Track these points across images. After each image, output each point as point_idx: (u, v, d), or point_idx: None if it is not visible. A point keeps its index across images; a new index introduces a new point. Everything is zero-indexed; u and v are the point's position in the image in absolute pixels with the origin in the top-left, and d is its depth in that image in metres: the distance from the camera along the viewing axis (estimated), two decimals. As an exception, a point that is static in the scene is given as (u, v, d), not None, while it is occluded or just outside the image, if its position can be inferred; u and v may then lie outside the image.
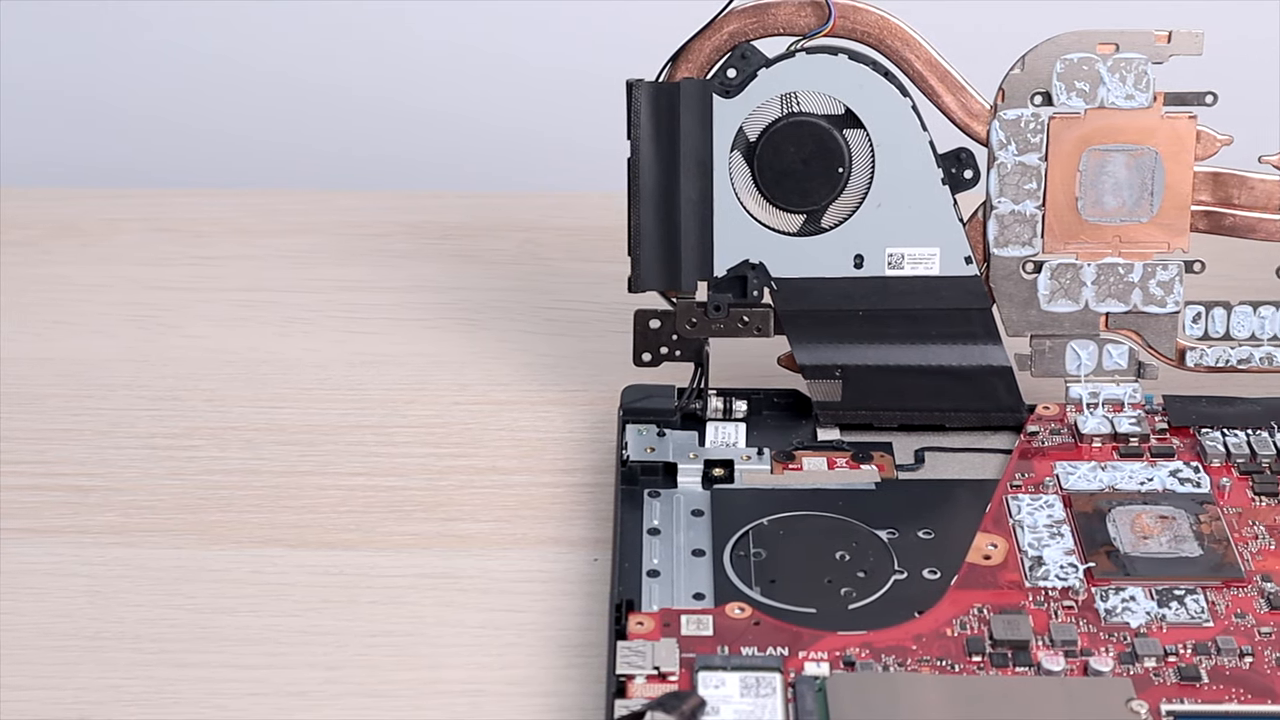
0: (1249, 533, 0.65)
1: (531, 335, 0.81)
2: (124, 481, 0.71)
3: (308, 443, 0.73)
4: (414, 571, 0.66)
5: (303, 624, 0.63)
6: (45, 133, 1.08)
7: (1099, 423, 0.70)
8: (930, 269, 0.70)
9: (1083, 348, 0.72)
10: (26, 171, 1.06)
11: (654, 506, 0.67)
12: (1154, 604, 0.61)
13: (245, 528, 0.68)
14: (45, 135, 1.08)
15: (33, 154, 1.07)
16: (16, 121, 1.07)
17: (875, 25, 0.69)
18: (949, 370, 0.71)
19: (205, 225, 0.91)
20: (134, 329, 0.82)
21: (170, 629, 0.63)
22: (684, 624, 0.60)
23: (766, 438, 0.71)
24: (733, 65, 0.70)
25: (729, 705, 0.57)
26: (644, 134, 0.69)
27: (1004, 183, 0.70)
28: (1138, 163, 0.70)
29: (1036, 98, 0.69)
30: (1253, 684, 0.58)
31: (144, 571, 0.66)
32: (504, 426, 0.74)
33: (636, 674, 0.58)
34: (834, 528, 0.66)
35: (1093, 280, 0.71)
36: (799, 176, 0.70)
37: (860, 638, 0.60)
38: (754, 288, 0.71)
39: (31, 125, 1.08)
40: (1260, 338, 0.71)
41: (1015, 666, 0.59)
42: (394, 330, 0.82)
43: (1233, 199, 0.71)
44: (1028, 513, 0.66)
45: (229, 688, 0.61)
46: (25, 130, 1.08)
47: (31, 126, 1.08)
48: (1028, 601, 0.61)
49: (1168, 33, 0.68)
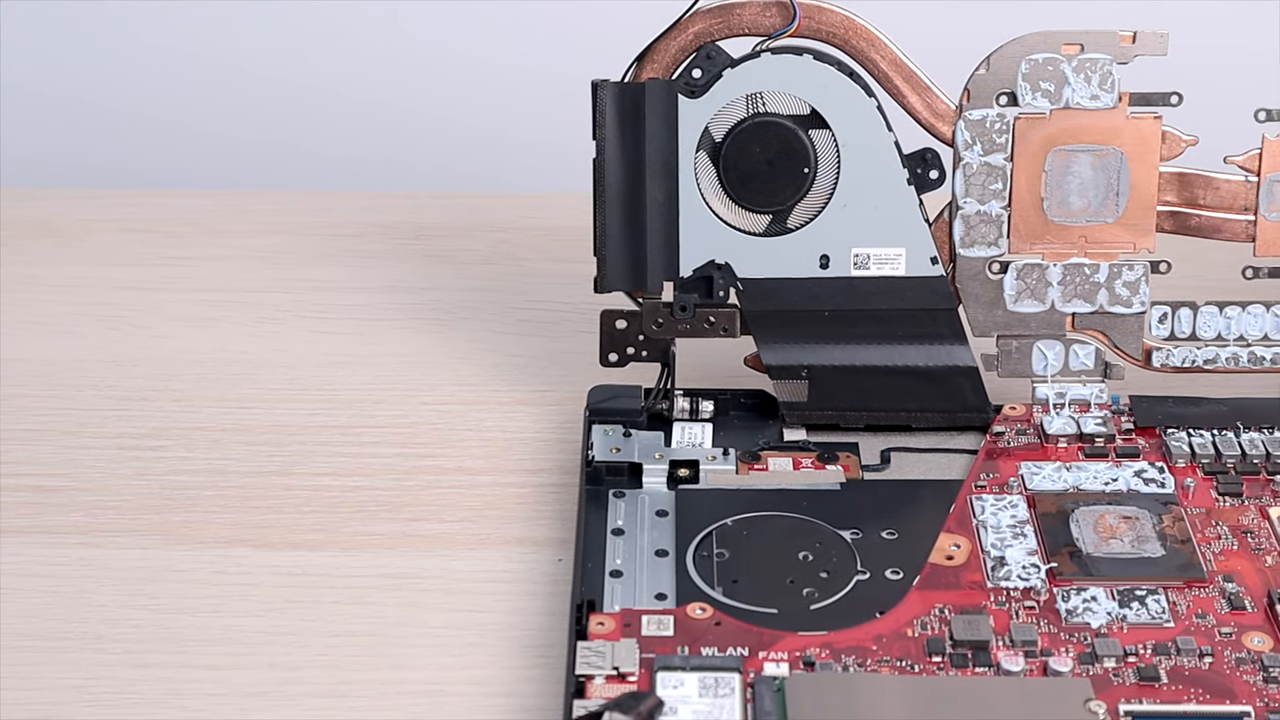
0: (1212, 533, 0.65)
1: (502, 335, 0.81)
2: (89, 482, 0.71)
3: (275, 443, 0.73)
4: (378, 572, 0.66)
5: (265, 624, 0.63)
6: (18, 133, 1.08)
7: (1064, 423, 0.70)
8: (896, 269, 0.70)
9: (1049, 348, 0.72)
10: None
11: (618, 507, 0.67)
12: (1115, 604, 0.61)
13: (210, 528, 0.68)
14: (18, 135, 1.08)
15: (5, 155, 1.07)
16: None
17: (840, 25, 0.69)
18: (915, 371, 0.71)
19: (178, 225, 0.91)
20: (104, 329, 0.82)
21: (133, 629, 0.63)
22: (645, 624, 0.60)
23: (733, 438, 0.71)
24: (698, 65, 0.70)
25: (687, 705, 0.57)
26: (609, 134, 0.69)
27: (969, 183, 0.70)
28: (1103, 163, 0.70)
29: (1002, 98, 0.69)
30: (1211, 684, 0.58)
31: (107, 572, 0.66)
32: (471, 427, 0.74)
33: (596, 674, 0.58)
34: (798, 528, 0.66)
35: (1059, 280, 0.71)
36: (764, 177, 0.70)
37: (821, 638, 0.60)
38: (720, 288, 0.71)
39: (4, 125, 1.08)
40: (1226, 338, 0.71)
41: (975, 667, 0.59)
42: (365, 331, 0.82)
43: (1198, 199, 0.71)
44: (991, 513, 0.66)
45: (190, 688, 0.61)
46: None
47: (4, 126, 1.08)
48: (989, 602, 0.61)
49: (1132, 33, 0.68)
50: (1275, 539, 0.64)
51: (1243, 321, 0.71)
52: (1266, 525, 0.65)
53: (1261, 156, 0.70)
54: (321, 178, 1.07)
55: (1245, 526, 0.65)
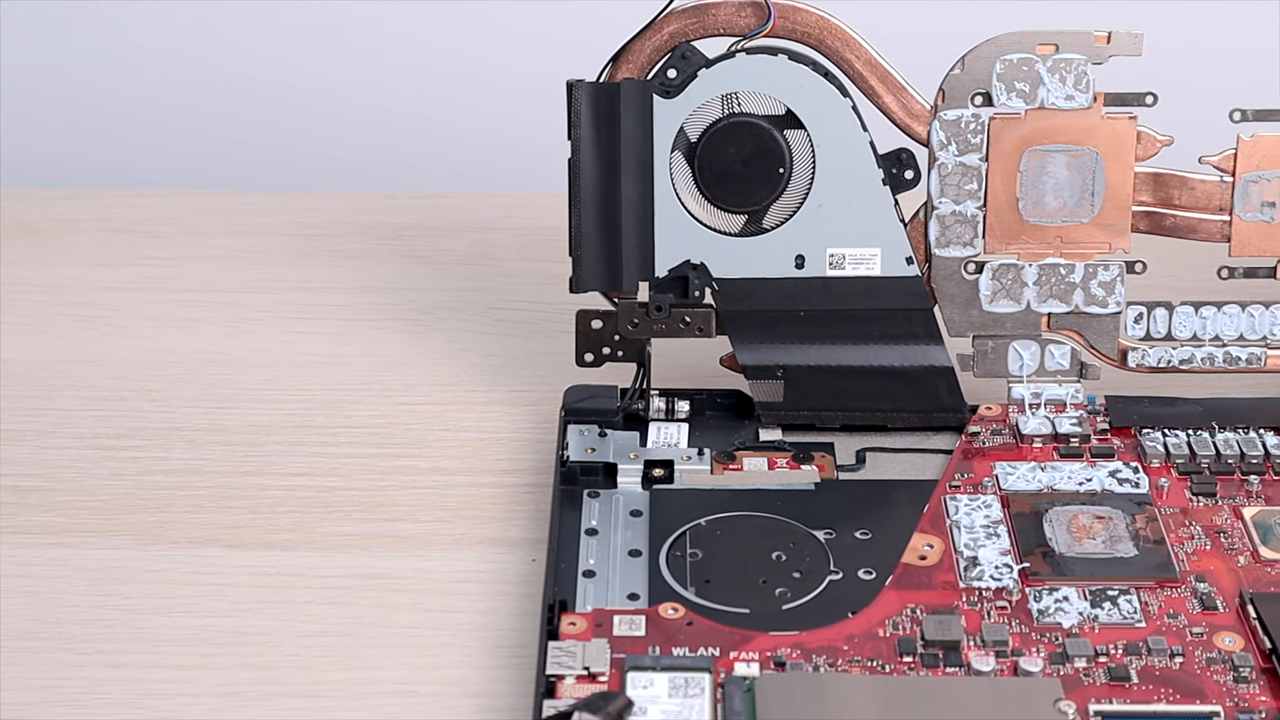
0: (1185, 533, 0.65)
1: (480, 335, 0.81)
2: (64, 482, 0.71)
3: (251, 443, 0.73)
4: (351, 572, 0.66)
5: (238, 624, 0.63)
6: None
7: (1040, 423, 0.70)
8: (872, 269, 0.70)
9: (1025, 348, 0.72)
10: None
11: (593, 507, 0.67)
12: (1087, 604, 0.61)
13: (184, 528, 0.68)
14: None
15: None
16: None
17: (815, 25, 0.69)
18: (891, 371, 0.71)
19: (160, 226, 0.91)
20: (83, 329, 0.82)
21: (105, 630, 0.63)
22: (616, 624, 0.60)
23: (709, 438, 0.71)
24: (673, 66, 0.70)
25: (656, 705, 0.57)
26: (584, 134, 0.69)
27: (945, 183, 0.70)
28: (1078, 163, 0.70)
29: (977, 98, 0.69)
30: (1182, 684, 0.58)
31: (80, 572, 0.66)
32: (448, 427, 0.74)
33: (566, 674, 0.58)
34: (771, 528, 0.66)
35: (1034, 281, 0.71)
36: (740, 177, 0.70)
37: (792, 638, 0.60)
38: (695, 288, 0.71)
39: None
40: (1202, 338, 0.71)
41: (946, 667, 0.59)
42: (343, 331, 0.82)
43: (1173, 199, 0.71)
44: (965, 513, 0.66)
45: (161, 688, 0.61)
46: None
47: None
48: (961, 602, 0.61)
49: (1107, 33, 0.68)
50: (1248, 539, 0.64)
51: (1218, 322, 0.71)
52: (1240, 525, 0.65)
53: (1236, 157, 0.70)
54: (303, 178, 1.07)
55: (1219, 526, 0.65)
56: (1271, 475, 0.68)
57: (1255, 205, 0.70)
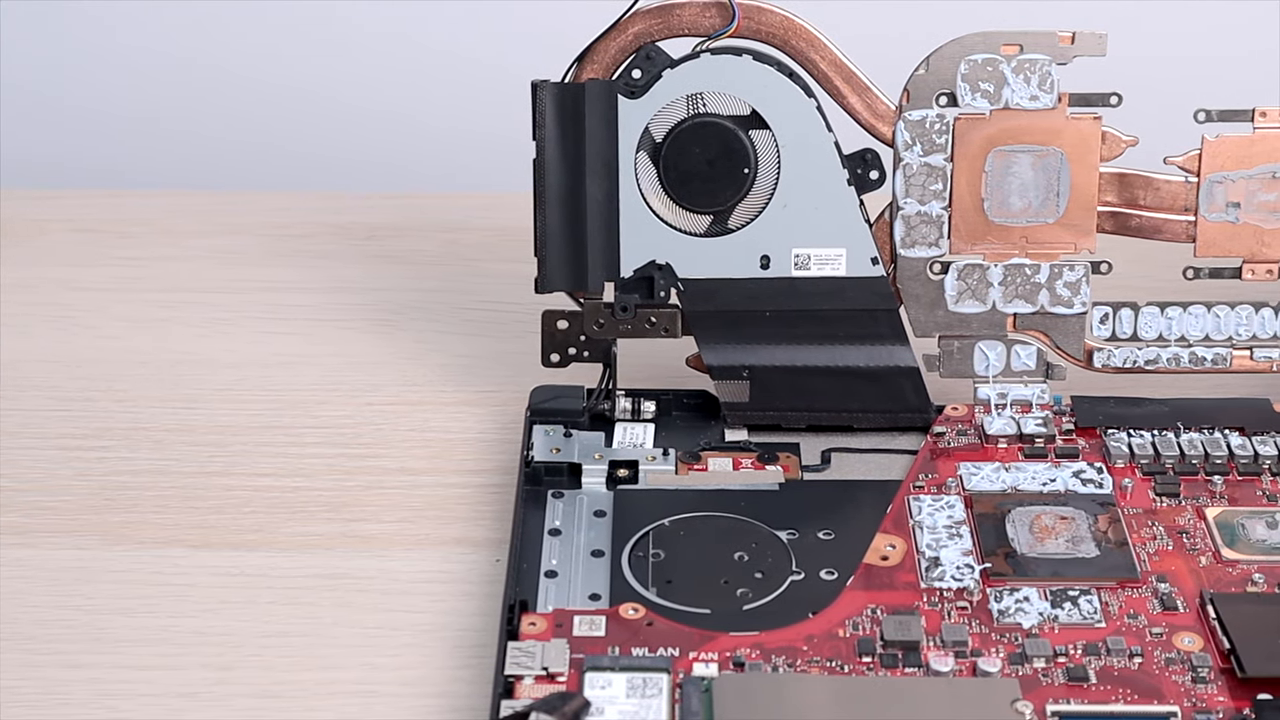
0: (1148, 533, 0.65)
1: (449, 335, 0.81)
2: (28, 482, 0.71)
3: (217, 444, 0.73)
4: (314, 572, 0.66)
5: (199, 625, 0.63)
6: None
7: (1005, 424, 0.70)
8: (837, 270, 0.70)
9: (991, 348, 0.72)
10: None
11: (556, 507, 0.67)
12: (1047, 605, 0.61)
13: (149, 528, 0.68)
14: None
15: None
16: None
17: (780, 26, 0.69)
18: (856, 371, 0.71)
19: (131, 226, 0.91)
20: (51, 329, 0.82)
21: (65, 630, 0.63)
22: (576, 625, 0.60)
23: (675, 438, 0.71)
24: (638, 66, 0.70)
25: (614, 706, 0.57)
26: (549, 135, 0.69)
27: (910, 184, 0.70)
28: (1043, 163, 0.70)
29: (941, 98, 0.69)
30: (1140, 684, 0.58)
31: (42, 572, 0.66)
32: (415, 427, 0.74)
33: (525, 674, 0.58)
34: (734, 529, 0.66)
35: (1000, 281, 0.71)
36: (705, 177, 0.70)
37: (752, 638, 0.60)
38: (661, 288, 0.71)
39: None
40: (1168, 339, 0.71)
41: (905, 667, 0.59)
42: (313, 331, 0.82)
43: (1139, 200, 0.71)
44: (928, 514, 0.66)
45: (120, 689, 0.60)
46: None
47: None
48: (922, 602, 0.61)
49: (1072, 34, 0.68)
50: (1210, 540, 0.64)
51: (1184, 322, 0.71)
52: (1202, 526, 0.65)
53: (1201, 157, 0.70)
54: (275, 178, 1.07)
55: (1181, 527, 0.65)
56: (1235, 476, 0.68)
57: (1220, 206, 0.70)
